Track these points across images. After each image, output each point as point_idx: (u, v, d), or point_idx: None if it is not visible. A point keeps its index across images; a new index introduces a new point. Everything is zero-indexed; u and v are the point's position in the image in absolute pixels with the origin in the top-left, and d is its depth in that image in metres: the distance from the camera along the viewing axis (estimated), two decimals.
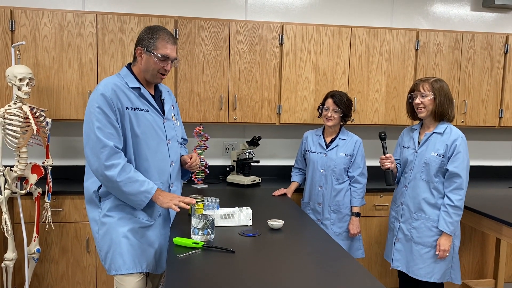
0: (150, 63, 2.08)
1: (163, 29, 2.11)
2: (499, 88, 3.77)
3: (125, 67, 2.17)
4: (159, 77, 2.14)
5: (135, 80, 2.12)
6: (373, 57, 3.58)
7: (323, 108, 3.03)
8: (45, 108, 3.17)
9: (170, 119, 2.24)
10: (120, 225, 2.10)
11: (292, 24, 3.47)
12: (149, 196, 2.03)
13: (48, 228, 3.12)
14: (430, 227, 2.56)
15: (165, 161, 2.19)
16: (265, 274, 1.67)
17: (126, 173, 1.99)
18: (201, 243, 1.94)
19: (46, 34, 3.19)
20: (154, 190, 2.04)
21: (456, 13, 4.03)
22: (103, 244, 2.12)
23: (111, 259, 2.09)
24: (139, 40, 2.11)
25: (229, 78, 3.44)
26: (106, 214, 2.11)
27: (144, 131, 2.10)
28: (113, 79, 2.09)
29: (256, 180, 3.54)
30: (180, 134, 2.37)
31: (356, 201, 3.01)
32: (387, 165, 2.71)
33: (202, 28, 3.36)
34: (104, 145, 1.97)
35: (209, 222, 2.02)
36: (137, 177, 2.02)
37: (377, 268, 3.55)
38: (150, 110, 2.14)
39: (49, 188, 3.04)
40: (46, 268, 3.18)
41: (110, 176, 1.97)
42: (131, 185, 2.00)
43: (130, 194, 2.01)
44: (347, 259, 1.84)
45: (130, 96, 2.08)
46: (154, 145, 2.14)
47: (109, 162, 1.97)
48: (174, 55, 2.11)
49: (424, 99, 2.58)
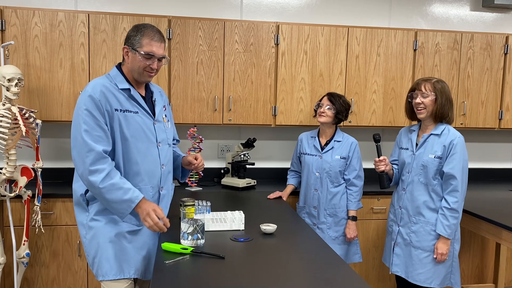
0: (136, 61, 2.02)
1: (149, 26, 2.05)
2: (499, 89, 3.71)
3: (115, 67, 2.12)
4: (146, 75, 2.06)
5: (124, 81, 2.07)
6: (370, 57, 3.52)
7: (318, 105, 2.98)
8: (35, 109, 3.11)
9: (161, 121, 2.18)
10: (107, 230, 2.04)
11: (288, 24, 3.41)
12: (132, 206, 1.94)
13: (38, 232, 3.06)
14: (429, 231, 2.50)
15: (155, 165, 2.13)
16: (255, 281, 1.60)
17: (110, 179, 1.92)
18: (190, 248, 1.87)
19: (37, 33, 3.13)
20: (138, 200, 1.95)
21: (455, 13, 3.97)
22: (90, 249, 2.06)
23: (98, 265, 2.04)
24: (126, 39, 2.07)
25: (223, 78, 3.38)
26: (93, 218, 2.06)
27: (133, 134, 2.04)
28: (102, 80, 2.03)
29: (251, 182, 3.47)
30: (171, 136, 2.31)
31: (352, 205, 2.94)
32: (381, 168, 2.65)
33: (196, 28, 3.30)
34: (90, 149, 1.91)
35: (199, 227, 1.95)
36: (122, 184, 1.94)
37: (375, 272, 3.48)
38: (140, 112, 2.08)
39: (39, 190, 2.97)
40: (36, 272, 3.12)
41: (93, 182, 1.91)
42: (114, 192, 1.92)
43: (112, 201, 1.93)
44: (340, 265, 1.78)
45: (120, 97, 2.02)
46: (144, 148, 2.08)
47: (93, 167, 1.90)
48: (160, 53, 2.03)
49: (425, 99, 2.52)
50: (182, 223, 1.97)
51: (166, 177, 2.22)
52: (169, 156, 2.25)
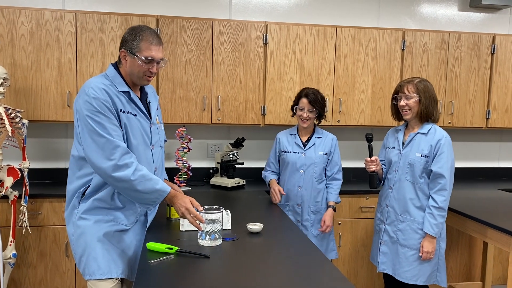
0: (135, 66, 2.00)
1: (147, 29, 2.01)
2: (486, 88, 3.74)
3: (113, 67, 2.07)
4: (145, 79, 2.05)
5: (124, 83, 2.04)
6: (358, 57, 3.54)
7: (297, 108, 2.96)
8: (22, 109, 3.09)
9: (155, 123, 2.18)
10: (96, 229, 2.03)
11: (276, 23, 3.42)
12: (163, 195, 1.98)
13: (25, 232, 3.04)
14: (416, 229, 2.52)
15: (150, 167, 2.12)
16: (239, 280, 1.60)
17: (140, 171, 1.93)
18: (175, 248, 1.87)
19: (23, 33, 3.11)
20: (168, 190, 2.00)
21: (443, 13, 3.99)
22: (77, 247, 2.05)
23: (85, 263, 2.02)
24: (122, 42, 2.02)
25: (212, 78, 3.38)
26: (81, 217, 2.04)
27: (135, 136, 2.04)
28: (102, 80, 1.99)
29: (240, 182, 3.47)
30: (163, 138, 2.31)
31: (332, 196, 2.96)
32: (373, 168, 2.66)
33: (184, 27, 3.30)
34: (116, 146, 1.91)
35: (215, 227, 1.96)
36: (150, 175, 1.97)
37: (364, 271, 3.50)
38: (138, 114, 2.07)
39: (26, 191, 2.95)
40: (23, 273, 3.10)
41: (123, 176, 1.90)
42: (146, 183, 1.94)
43: (144, 192, 1.94)
44: (325, 264, 1.78)
45: (121, 99, 2.01)
46: (142, 150, 2.08)
47: (122, 162, 1.90)
48: (159, 56, 2.02)
49: (409, 101, 2.54)
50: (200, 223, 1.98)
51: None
52: (162, 158, 2.27)
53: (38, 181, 3.49)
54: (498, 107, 3.77)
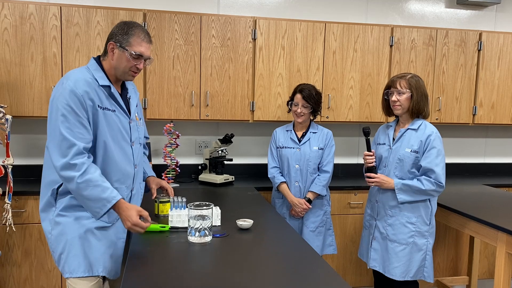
0: (123, 60, 1.96)
1: (139, 26, 1.99)
2: (472, 85, 3.77)
3: (94, 61, 2.02)
4: (130, 75, 2.01)
5: (105, 77, 1.99)
6: (347, 53, 3.53)
7: (292, 104, 2.96)
8: (5, 105, 3.02)
9: (134, 119, 2.14)
10: (76, 226, 1.98)
11: (265, 19, 3.39)
12: (108, 205, 1.87)
13: (9, 230, 2.97)
14: (405, 223, 2.53)
15: (129, 165, 2.08)
16: (229, 276, 1.58)
17: (88, 175, 1.85)
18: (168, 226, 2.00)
19: (6, 26, 3.03)
20: (115, 200, 1.88)
21: (430, 10, 4.01)
22: (56, 245, 1.99)
23: (65, 261, 1.97)
24: (112, 35, 1.97)
25: (200, 73, 3.34)
26: (61, 214, 1.98)
27: (112, 133, 1.99)
28: (83, 74, 1.94)
29: (229, 178, 3.45)
30: (143, 135, 2.27)
31: (317, 187, 2.93)
32: (371, 163, 2.61)
33: (172, 21, 3.25)
34: (71, 145, 1.84)
35: (205, 224, 1.94)
36: (101, 182, 1.87)
37: (352, 267, 3.51)
38: (117, 110, 2.02)
39: (10, 188, 2.89)
40: (8, 272, 3.03)
41: (71, 177, 1.84)
42: (92, 189, 1.85)
43: (88, 199, 1.87)
44: (316, 260, 1.77)
45: (100, 94, 1.95)
46: (120, 147, 2.03)
47: (73, 161, 1.84)
48: (148, 54, 1.99)
49: (401, 97, 2.53)
50: (189, 219, 1.95)
51: (137, 177, 2.18)
52: (141, 155, 2.23)
53: (22, 178, 3.42)
54: (484, 103, 3.80)
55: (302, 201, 2.92)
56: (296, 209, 2.93)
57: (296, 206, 2.92)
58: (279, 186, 3.01)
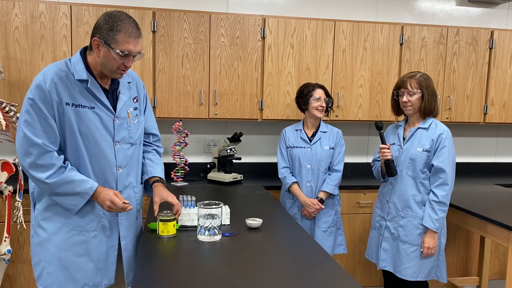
0: (109, 58, 1.77)
1: (125, 18, 1.76)
2: (484, 83, 3.73)
3: (79, 54, 1.85)
4: (118, 73, 1.84)
5: (84, 71, 1.81)
6: (357, 51, 3.51)
7: (312, 100, 2.94)
8: (16, 103, 3.04)
9: (123, 117, 1.94)
10: (54, 242, 1.85)
11: (274, 17, 3.38)
12: (86, 197, 1.80)
13: (20, 228, 3.00)
14: (417, 224, 2.50)
15: (109, 166, 1.91)
16: (238, 276, 1.58)
17: (60, 174, 1.77)
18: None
19: (17, 25, 3.05)
20: (92, 191, 1.80)
21: (441, 7, 3.97)
22: (34, 254, 1.91)
23: (39, 274, 1.88)
24: (96, 29, 1.76)
25: (209, 72, 3.34)
26: (40, 225, 1.87)
27: (85, 131, 1.83)
28: (57, 68, 1.80)
29: (238, 177, 3.45)
30: (137, 134, 2.03)
31: (329, 187, 2.93)
32: (389, 156, 2.55)
33: (181, 20, 3.25)
34: (33, 144, 1.74)
35: (214, 223, 1.94)
36: (73, 176, 1.79)
37: (361, 267, 3.49)
38: (97, 107, 1.85)
39: (21, 186, 2.91)
40: (18, 269, 3.06)
41: (39, 177, 1.76)
42: (64, 186, 1.77)
43: (62, 196, 1.79)
44: (325, 259, 1.76)
45: (74, 90, 1.79)
46: (96, 147, 1.87)
47: (41, 162, 1.75)
48: (137, 50, 1.80)
49: (412, 98, 2.50)
50: (199, 218, 1.94)
51: (126, 180, 1.98)
52: (130, 156, 1.99)
53: None
54: (496, 102, 3.76)
55: (315, 201, 2.90)
56: (308, 210, 2.92)
57: (308, 206, 2.91)
58: (291, 187, 2.99)
